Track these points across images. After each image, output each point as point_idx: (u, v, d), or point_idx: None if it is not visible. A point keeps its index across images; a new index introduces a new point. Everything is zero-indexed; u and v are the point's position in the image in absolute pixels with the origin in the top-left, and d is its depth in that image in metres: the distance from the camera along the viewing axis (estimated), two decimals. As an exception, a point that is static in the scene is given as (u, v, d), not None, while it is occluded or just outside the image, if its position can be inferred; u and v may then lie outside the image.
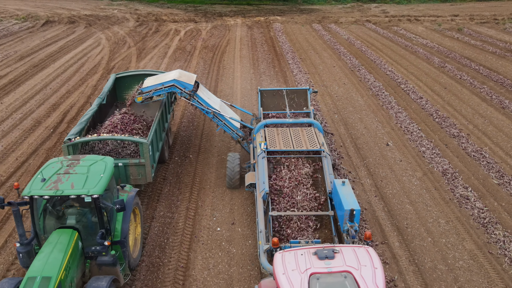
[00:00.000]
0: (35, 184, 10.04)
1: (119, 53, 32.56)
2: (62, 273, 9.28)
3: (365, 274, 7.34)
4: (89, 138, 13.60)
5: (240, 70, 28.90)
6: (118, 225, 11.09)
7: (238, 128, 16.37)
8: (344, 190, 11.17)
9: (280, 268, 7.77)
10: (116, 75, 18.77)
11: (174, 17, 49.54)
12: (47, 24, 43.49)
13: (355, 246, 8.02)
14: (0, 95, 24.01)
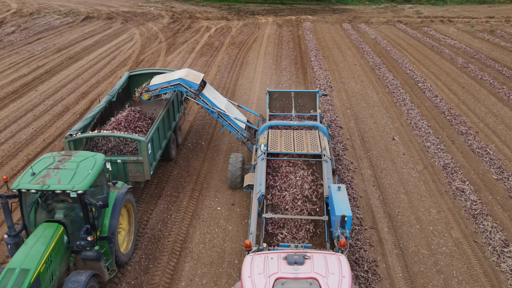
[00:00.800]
0: (25, 178, 10.19)
1: (150, 48, 34.10)
2: (42, 266, 9.47)
3: (331, 282, 7.23)
4: (89, 135, 13.81)
5: (262, 66, 29.86)
6: (106, 221, 11.19)
7: (243, 129, 16.43)
8: (338, 196, 11.08)
9: (247, 271, 7.76)
10: (129, 73, 18.98)
11: (208, 15, 50.89)
12: (87, 19, 45.64)
13: (327, 253, 7.90)
14: (36, 84, 25.81)
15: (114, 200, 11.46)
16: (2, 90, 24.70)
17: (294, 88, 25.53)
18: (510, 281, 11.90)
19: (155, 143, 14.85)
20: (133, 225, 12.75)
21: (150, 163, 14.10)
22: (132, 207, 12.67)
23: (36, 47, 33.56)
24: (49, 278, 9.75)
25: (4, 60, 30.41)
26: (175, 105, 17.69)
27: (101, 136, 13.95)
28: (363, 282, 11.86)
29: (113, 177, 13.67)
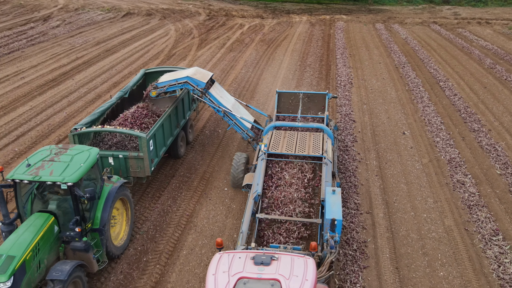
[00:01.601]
0: (20, 169, 10.57)
1: (182, 43, 35.60)
2: (28, 253, 9.82)
3: (292, 285, 7.24)
4: (93, 129, 14.13)
5: (287, 62, 30.78)
6: (98, 213, 11.45)
7: (248, 129, 16.45)
8: (332, 199, 11.10)
9: (212, 268, 7.79)
10: (145, 71, 19.24)
11: (243, 13, 52.09)
12: (127, 15, 47.71)
13: (295, 255, 7.95)
14: (73, 73, 27.68)
15: (107, 194, 11.73)
16: (42, 78, 26.66)
17: (310, 85, 26.36)
18: (493, 266, 12.45)
19: (158, 140, 15.04)
20: (129, 219, 13.09)
21: (151, 159, 14.29)
22: (129, 201, 12.98)
23: (77, 40, 35.67)
24: (36, 265, 10.12)
25: (47, 51, 32.56)
26: (185, 103, 17.86)
27: (104, 131, 14.29)
28: (350, 259, 12.69)
29: (115, 171, 13.96)
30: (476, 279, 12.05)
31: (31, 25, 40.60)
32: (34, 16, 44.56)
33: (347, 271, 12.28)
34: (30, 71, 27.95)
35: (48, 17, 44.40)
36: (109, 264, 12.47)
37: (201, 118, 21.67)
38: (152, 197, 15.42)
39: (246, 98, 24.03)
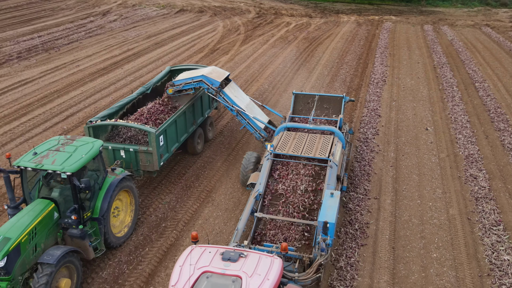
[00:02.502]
0: (27, 157, 11.19)
1: (228, 38, 37.21)
2: (24, 236, 10.34)
3: (252, 282, 7.28)
4: (107, 123, 14.72)
5: (326, 59, 31.67)
6: (98, 203, 11.86)
7: (261, 129, 16.60)
8: (329, 202, 11.18)
9: (181, 260, 7.91)
10: (171, 68, 19.72)
11: (292, 12, 53.17)
12: (180, 12, 49.97)
13: (264, 254, 7.97)
14: (123, 63, 29.86)
15: (108, 185, 12.18)
16: (94, 66, 28.98)
17: (343, 82, 27.13)
18: (487, 253, 13.04)
19: (169, 136, 15.29)
20: (133, 211, 13.58)
21: (160, 154, 14.66)
22: (133, 194, 13.39)
23: (130, 34, 38.07)
24: (32, 248, 10.62)
25: (102, 43, 35.08)
26: (204, 102, 18.08)
27: (117, 125, 14.87)
28: (350, 237, 13.65)
29: (126, 164, 14.54)
30: (467, 262, 12.70)
31: (91, 19, 43.56)
32: (95, 11, 47.64)
33: (345, 247, 13.25)
34: (84, 60, 30.40)
35: (107, 12, 47.33)
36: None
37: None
38: (178, 174, 16.95)
39: (279, 92, 25.22)
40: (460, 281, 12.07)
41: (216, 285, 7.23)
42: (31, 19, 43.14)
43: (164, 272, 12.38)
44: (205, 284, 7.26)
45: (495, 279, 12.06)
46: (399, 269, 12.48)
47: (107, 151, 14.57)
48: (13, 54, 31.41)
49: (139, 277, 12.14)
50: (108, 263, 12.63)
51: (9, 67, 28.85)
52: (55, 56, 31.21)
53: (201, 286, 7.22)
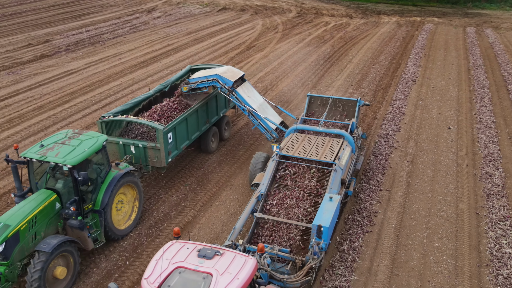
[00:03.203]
0: (34, 148, 11.64)
1: (265, 36, 38.17)
2: (23, 224, 10.77)
3: (222, 280, 7.33)
4: (118, 118, 15.13)
5: (359, 58, 32.10)
6: (100, 196, 12.21)
7: (272, 130, 16.65)
8: (326, 206, 11.23)
9: (158, 254, 8.04)
10: (191, 66, 20.06)
11: (333, 12, 53.56)
12: (222, 10, 51.34)
13: (239, 254, 8.04)
14: (162, 57, 31.38)
15: (110, 179, 12.56)
16: (135, 60, 30.62)
17: (372, 80, 27.51)
18: (490, 245, 13.41)
19: (179, 134, 15.54)
20: (137, 206, 13.92)
21: (169, 151, 14.96)
22: (138, 188, 13.73)
23: (171, 30, 39.69)
24: (31, 236, 11.08)
25: (145, 38, 36.82)
26: (220, 101, 18.26)
27: (127, 121, 15.27)
28: (356, 224, 14.33)
29: (136, 159, 14.94)
30: (468, 253, 13.13)
31: (136, 16, 45.57)
32: (141, 8, 49.71)
33: (350, 232, 13.94)
34: (126, 53, 32.13)
35: (152, 9, 49.29)
36: (153, 203, 15.27)
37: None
38: (201, 159, 18.06)
39: (307, 88, 25.97)
40: (458, 269, 12.54)
41: (186, 281, 7.36)
42: (81, 14, 45.58)
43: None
44: (176, 279, 7.40)
45: (493, 269, 12.46)
46: (400, 255, 13.07)
47: (118, 146, 15.00)
48: (62, 46, 33.56)
49: (156, 249, 13.26)
50: (130, 234, 13.83)
51: (58, 58, 30.91)
52: (100, 49, 33.12)
53: (172, 281, 7.38)
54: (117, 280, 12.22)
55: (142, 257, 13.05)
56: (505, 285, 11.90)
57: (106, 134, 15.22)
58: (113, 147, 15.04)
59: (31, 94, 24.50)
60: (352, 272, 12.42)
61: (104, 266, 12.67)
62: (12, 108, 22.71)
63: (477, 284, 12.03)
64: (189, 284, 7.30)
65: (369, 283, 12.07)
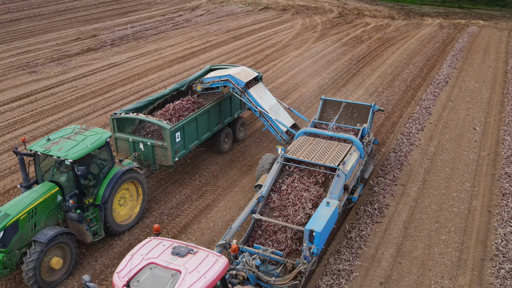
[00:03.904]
0: (40, 142, 12.01)
1: (302, 35, 38.81)
2: (23, 214, 11.10)
3: (189, 278, 7.37)
4: (129, 116, 15.44)
5: (393, 59, 32.25)
6: (101, 191, 12.45)
7: (283, 132, 16.67)
8: (322, 211, 11.24)
9: (135, 249, 8.12)
10: (210, 67, 20.25)
11: (375, 13, 53.49)
12: (264, 9, 52.29)
13: (211, 253, 8.08)
14: (200, 53, 32.63)
15: (112, 175, 12.83)
16: (174, 55, 32.01)
17: (403, 81, 27.66)
18: (497, 241, 13.68)
19: (188, 134, 15.69)
20: (140, 202, 14.17)
21: (176, 150, 15.14)
22: (141, 185, 13.94)
23: (212, 27, 40.96)
24: (31, 226, 11.42)
25: (186, 34, 38.25)
26: (235, 102, 18.33)
27: (137, 119, 15.57)
28: (367, 215, 14.89)
29: (144, 157, 15.25)
30: (474, 247, 13.46)
31: (180, 13, 47.19)
32: (185, 6, 51.36)
33: (360, 222, 14.52)
34: (167, 49, 33.60)
35: (196, 7, 50.84)
36: (177, 186, 16.34)
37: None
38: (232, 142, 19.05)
39: (337, 87, 26.50)
40: (462, 261, 12.91)
41: (156, 277, 7.50)
42: (128, 11, 47.64)
43: (197, 225, 14.46)
44: (146, 275, 7.53)
45: (496, 263, 12.76)
46: (405, 245, 13.56)
47: (128, 142, 15.39)
48: (107, 41, 35.42)
49: (175, 227, 14.31)
50: (152, 213, 14.94)
51: (102, 52, 32.73)
52: (142, 45, 34.75)
53: (142, 277, 7.52)
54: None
55: (161, 234, 14.10)
56: (506, 279, 12.20)
57: (119, 130, 15.68)
58: (123, 144, 15.52)
59: (75, 84, 26.21)
60: (356, 257, 13.02)
61: (126, 239, 13.81)
62: (58, 96, 24.44)
63: (478, 276, 12.38)
64: (157, 280, 7.41)
65: (371, 268, 12.64)
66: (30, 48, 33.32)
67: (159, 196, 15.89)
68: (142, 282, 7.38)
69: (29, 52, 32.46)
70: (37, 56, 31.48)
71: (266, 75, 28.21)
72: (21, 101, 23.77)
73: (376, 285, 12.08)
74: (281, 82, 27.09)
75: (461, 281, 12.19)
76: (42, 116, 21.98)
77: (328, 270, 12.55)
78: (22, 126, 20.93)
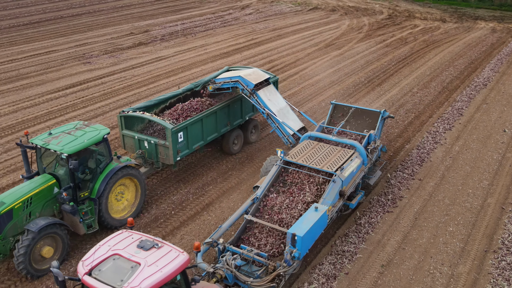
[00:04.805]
0: (42, 135, 12.44)
1: (347, 36, 39.36)
2: (18, 203, 11.56)
3: (146, 271, 7.56)
4: (135, 114, 15.84)
5: (435, 61, 32.28)
6: (97, 185, 12.78)
7: (289, 135, 16.70)
8: (309, 215, 11.24)
9: (106, 239, 8.39)
10: (228, 68, 20.61)
11: (426, 16, 52.99)
12: (313, 10, 53.05)
13: (175, 248, 8.24)
14: (243, 50, 33.99)
15: (108, 170, 13.17)
16: (219, 51, 33.53)
17: (441, 82, 27.76)
18: (504, 235, 14.06)
19: (191, 134, 15.91)
20: (137, 198, 14.49)
21: (178, 150, 15.40)
22: (139, 182, 14.22)
23: (258, 26, 42.26)
24: (25, 215, 11.93)
25: (232, 32, 39.75)
26: (246, 104, 18.37)
27: (142, 117, 15.95)
28: (380, 204, 15.60)
29: (148, 155, 15.66)
30: (480, 239, 13.91)
31: (230, 12, 48.83)
32: (236, 5, 52.99)
33: (371, 210, 15.27)
34: (212, 45, 35.19)
35: (246, 6, 52.34)
36: (205, 169, 17.63)
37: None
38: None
39: (371, 86, 27.06)
40: (465, 252, 13.42)
41: (116, 267, 7.72)
42: (181, 9, 49.81)
43: (218, 204, 15.67)
44: (108, 265, 7.78)
45: (498, 255, 13.20)
46: (412, 234, 14.20)
47: (134, 140, 15.83)
48: (158, 36, 37.49)
49: (198, 204, 15.60)
50: (180, 191, 16.30)
51: (152, 46, 34.75)
52: (190, 40, 36.53)
53: (104, 266, 7.78)
54: (161, 225, 14.70)
55: (185, 210, 15.44)
56: (506, 270, 12.64)
57: (127, 128, 16.19)
58: (130, 141, 16.04)
59: (124, 74, 28.21)
60: (362, 241, 13.82)
61: (153, 212, 15.24)
62: (107, 85, 26.47)
63: (478, 266, 12.88)
64: (117, 271, 7.65)
65: (375, 252, 13.41)
66: (87, 41, 35.86)
67: (188, 177, 17.23)
68: (103, 271, 7.69)
69: (86, 44, 34.97)
70: (93, 48, 33.90)
71: (303, 72, 29.16)
72: (74, 88, 25.96)
73: (377, 267, 12.84)
74: (317, 79, 27.92)
75: (460, 269, 12.73)
76: (91, 102, 23.98)
77: (333, 250, 13.43)
78: (73, 110, 22.97)
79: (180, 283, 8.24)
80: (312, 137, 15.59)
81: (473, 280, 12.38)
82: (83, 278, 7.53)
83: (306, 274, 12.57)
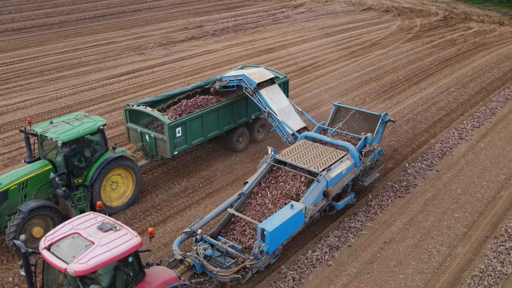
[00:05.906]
0: (43, 124, 13.13)
1: (394, 36, 39.75)
2: (14, 185, 12.26)
3: (98, 250, 8.04)
4: (139, 108, 16.45)
5: (479, 62, 32.17)
6: (90, 173, 13.43)
7: (289, 134, 16.78)
8: (283, 212, 11.52)
9: (74, 218, 9.05)
10: (242, 66, 20.96)
11: (484, 18, 52.04)
12: (366, 10, 53.44)
13: (130, 232, 8.69)
14: (289, 46, 35.32)
15: (102, 160, 13.84)
16: (265, 46, 35.08)
17: (479, 84, 27.84)
18: (508, 224, 14.66)
19: (190, 130, 16.35)
20: (133, 188, 15.04)
21: (175, 144, 15.92)
22: (134, 173, 14.79)
23: (308, 24, 43.42)
24: (21, 197, 12.73)
25: (281, 29, 41.17)
26: (251, 103, 18.40)
27: (144, 111, 16.49)
28: (393, 190, 16.55)
29: (149, 148, 16.29)
30: (483, 226, 14.60)
31: (282, 10, 50.27)
32: (289, 4, 54.34)
33: (383, 194, 16.25)
34: (260, 41, 36.79)
35: (299, 5, 53.58)
36: (214, 161, 19.11)
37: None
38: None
39: (408, 84, 27.65)
40: (466, 236, 14.18)
41: (72, 245, 8.24)
42: (236, 6, 51.79)
43: (224, 192, 16.69)
44: (67, 243, 8.30)
45: (498, 241, 13.88)
46: (418, 217, 15.09)
47: (137, 133, 16.55)
48: (209, 31, 39.56)
49: (204, 191, 16.82)
50: (187, 181, 17.66)
51: (203, 40, 36.83)
52: (239, 36, 38.32)
53: (63, 243, 8.33)
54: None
55: (196, 193, 16.78)
56: (502, 254, 13.33)
57: (132, 121, 16.87)
58: (134, 134, 16.78)
59: (173, 65, 30.36)
60: (369, 220, 14.89)
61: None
62: (157, 74, 28.68)
63: (476, 249, 13.64)
64: (73, 248, 8.17)
65: (379, 230, 14.46)
66: (144, 34, 38.49)
67: (199, 166, 18.60)
68: (60, 247, 8.26)
69: (142, 37, 37.57)
70: (148, 41, 36.42)
71: (345, 69, 30.14)
72: (127, 75, 28.37)
73: (379, 243, 13.90)
74: (356, 76, 28.83)
75: (458, 250, 13.55)
76: (141, 88, 26.21)
77: (341, 226, 14.60)
78: (124, 95, 25.27)
79: (134, 265, 8.90)
80: (308, 137, 15.86)
81: (468, 260, 13.18)
82: (41, 252, 8.24)
83: (312, 243, 13.83)
